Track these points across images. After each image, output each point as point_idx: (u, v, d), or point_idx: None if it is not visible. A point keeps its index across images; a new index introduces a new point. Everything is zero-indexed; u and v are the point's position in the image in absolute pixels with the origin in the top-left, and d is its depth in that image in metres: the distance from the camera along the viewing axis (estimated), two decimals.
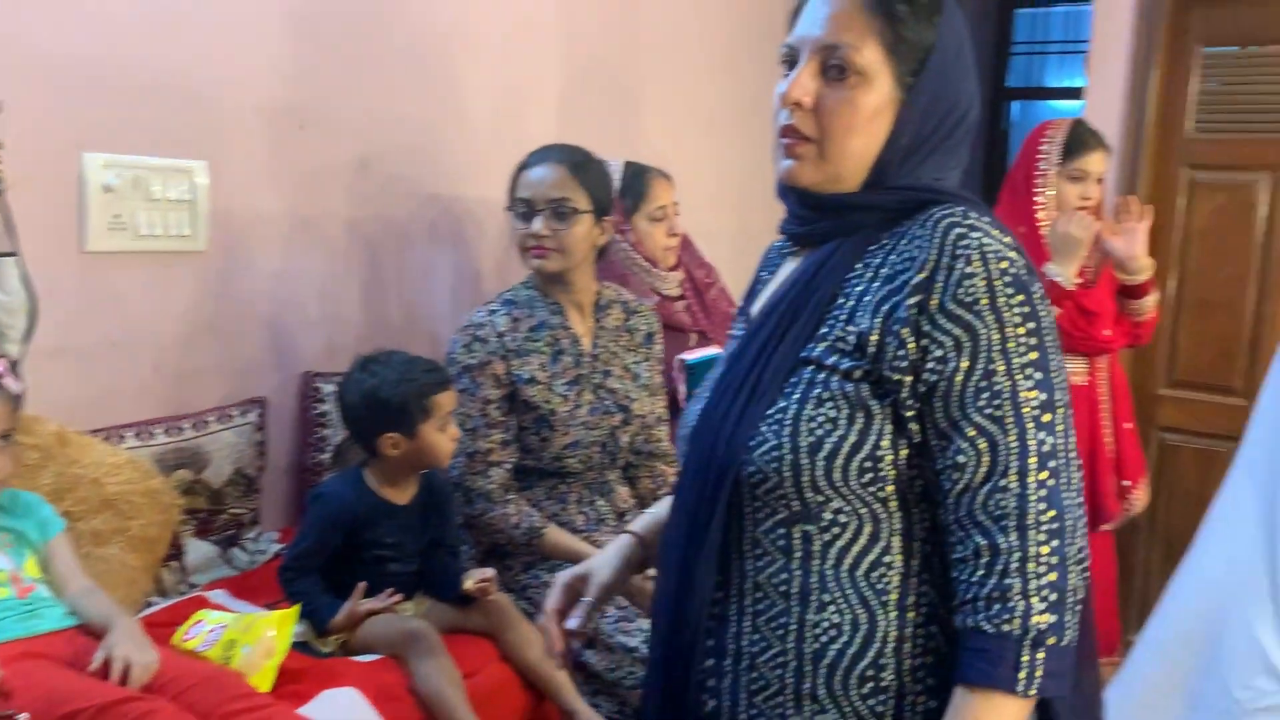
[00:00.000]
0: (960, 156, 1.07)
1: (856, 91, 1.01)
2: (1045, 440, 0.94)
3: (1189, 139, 3.22)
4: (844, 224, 1.04)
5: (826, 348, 1.00)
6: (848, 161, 1.03)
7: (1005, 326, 0.94)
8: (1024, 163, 2.54)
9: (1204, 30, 3.17)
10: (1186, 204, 3.25)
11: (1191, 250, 3.26)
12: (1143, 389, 3.36)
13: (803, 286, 1.03)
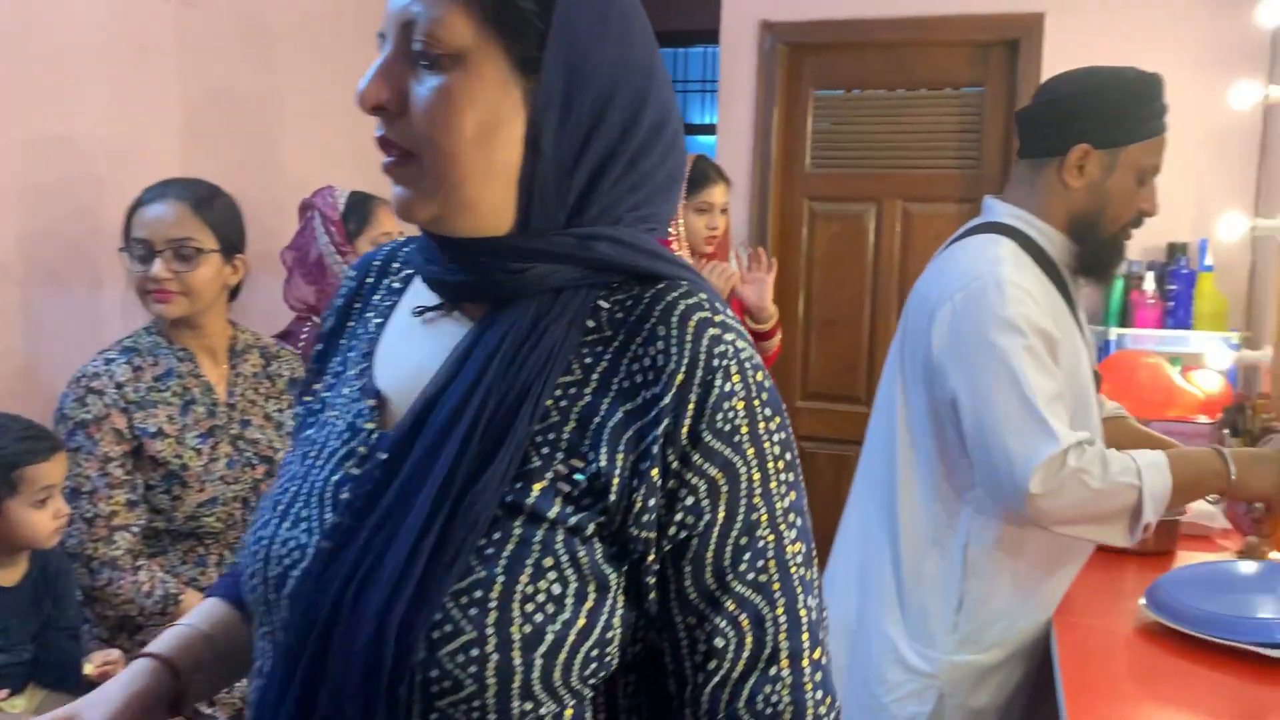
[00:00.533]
0: (668, 188, 0.80)
1: (452, 79, 0.71)
2: (813, 607, 0.75)
3: (808, 173, 3.54)
4: (521, 282, 0.74)
5: (545, 490, 0.71)
6: (469, 185, 0.73)
7: (766, 461, 0.72)
8: None
9: (816, 74, 3.49)
10: (808, 233, 3.56)
11: (815, 274, 3.58)
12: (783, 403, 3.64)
13: (494, 385, 0.71)
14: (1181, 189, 3.09)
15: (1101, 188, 1.55)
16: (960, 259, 1.57)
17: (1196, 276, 2.93)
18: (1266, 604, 1.50)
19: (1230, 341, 2.88)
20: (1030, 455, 1.41)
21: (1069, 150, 1.54)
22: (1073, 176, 1.55)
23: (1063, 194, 1.57)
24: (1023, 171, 1.62)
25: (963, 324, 1.49)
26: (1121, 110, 1.54)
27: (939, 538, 1.58)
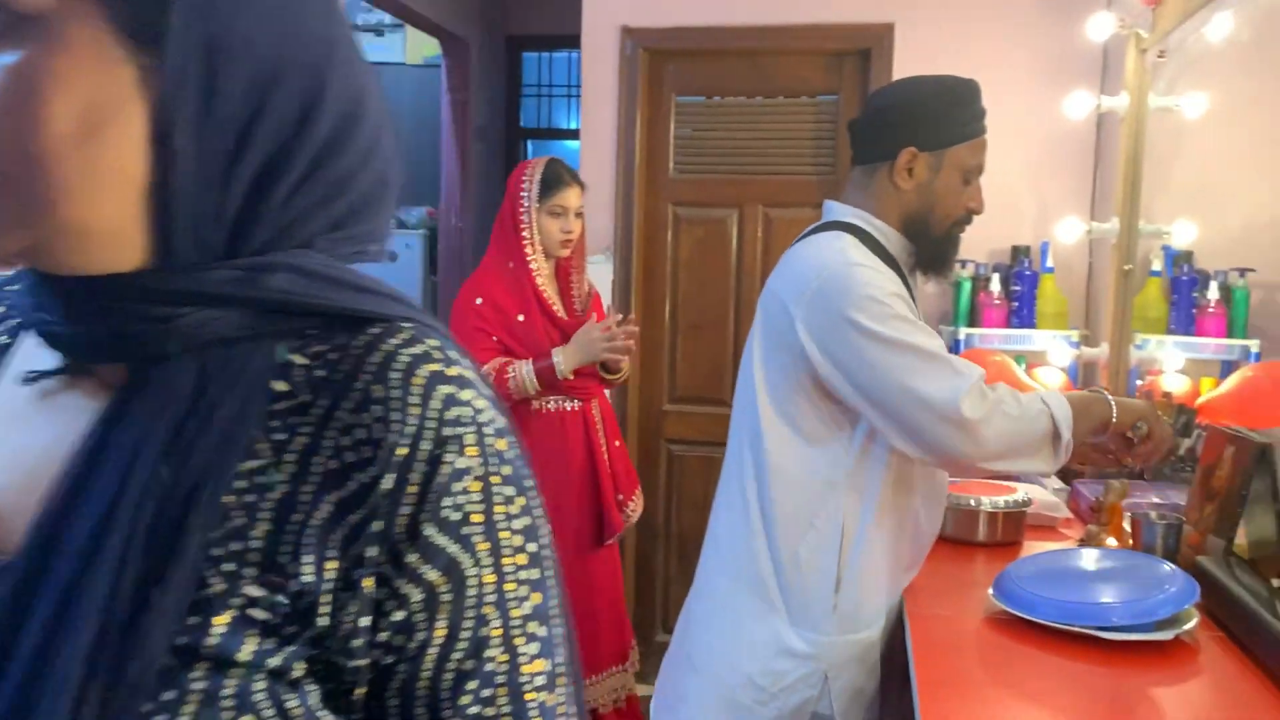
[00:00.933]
0: (380, 197, 0.63)
1: (29, 54, 0.51)
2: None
3: (672, 179, 3.57)
4: (169, 334, 0.54)
5: (232, 624, 0.52)
6: (72, 202, 0.52)
7: (502, 557, 0.57)
8: (509, 203, 2.66)
9: (677, 80, 3.53)
10: (673, 237, 3.59)
11: (680, 279, 3.61)
12: (650, 406, 3.66)
13: (149, 484, 0.51)
14: (1024, 194, 3.24)
15: (930, 188, 1.66)
16: (808, 254, 1.65)
17: (1039, 278, 3.06)
18: (1105, 589, 1.57)
19: (1071, 339, 3.02)
20: (951, 390, 1.49)
21: (898, 154, 1.65)
22: (903, 178, 1.66)
23: (895, 195, 1.67)
24: (857, 176, 1.72)
25: (826, 313, 1.56)
26: (943, 115, 1.65)
27: (813, 520, 1.63)
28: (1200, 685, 1.41)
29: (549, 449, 2.65)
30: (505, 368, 2.57)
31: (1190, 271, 2.95)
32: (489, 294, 2.63)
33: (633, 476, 2.83)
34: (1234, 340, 2.90)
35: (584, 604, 2.70)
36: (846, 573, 1.63)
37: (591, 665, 2.72)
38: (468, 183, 5.47)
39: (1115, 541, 2.00)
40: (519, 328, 2.62)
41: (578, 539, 2.68)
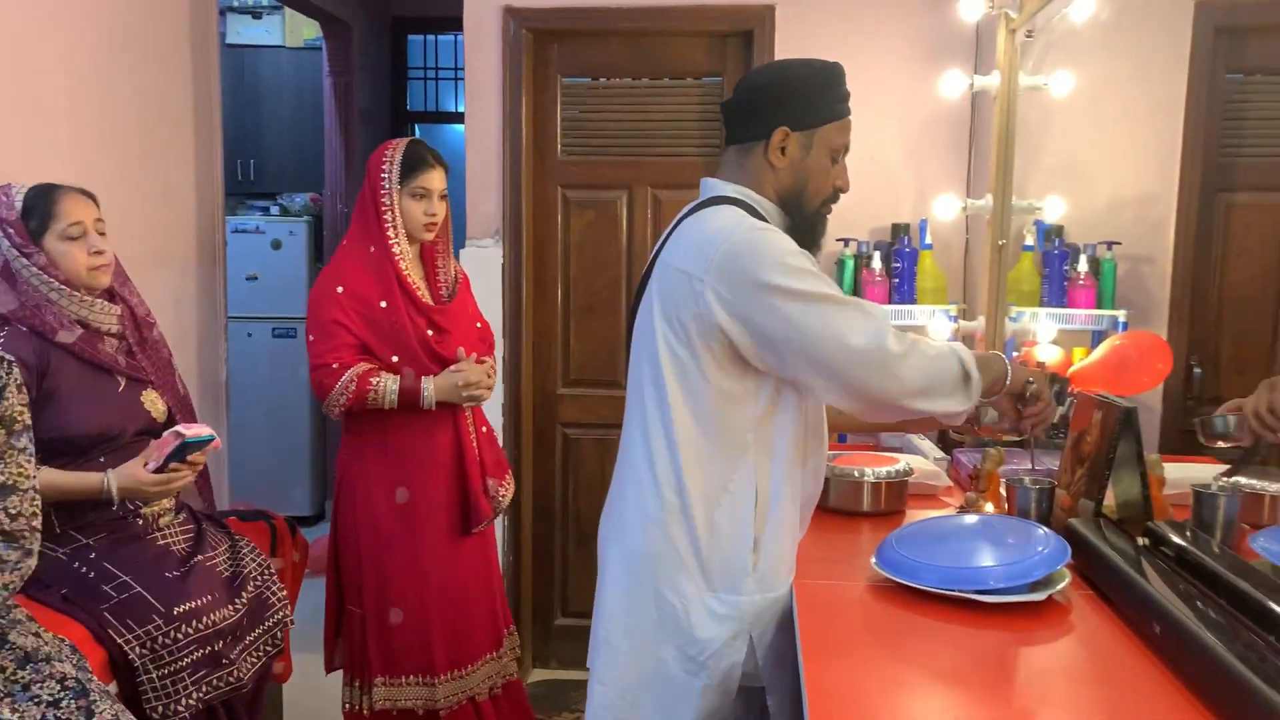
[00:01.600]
0: None
1: None
2: None
3: (560, 162, 3.53)
4: None
5: None
6: None
7: None
8: (370, 185, 2.58)
9: (562, 62, 3.49)
10: (563, 220, 3.55)
11: (572, 262, 3.58)
12: (544, 390, 3.63)
13: None
14: (903, 173, 3.30)
15: (802, 166, 1.71)
16: (703, 227, 1.67)
17: (918, 255, 3.12)
18: (983, 553, 1.61)
19: (950, 314, 3.09)
20: (874, 332, 1.56)
21: (771, 133, 1.70)
22: (776, 157, 1.71)
23: (770, 173, 1.72)
24: (732, 155, 1.76)
25: (739, 278, 1.59)
26: (813, 96, 1.71)
27: (727, 486, 1.66)
28: (1071, 642, 1.45)
29: (415, 437, 2.60)
30: (369, 377, 2.51)
31: (1061, 246, 3.05)
32: (349, 281, 2.55)
33: (502, 462, 2.79)
34: (1103, 311, 3.01)
35: (456, 591, 2.66)
36: (763, 534, 1.66)
37: (467, 654, 2.68)
38: (352, 167, 5.34)
39: (992, 507, 2.06)
40: (381, 315, 2.54)
41: (447, 526, 2.64)
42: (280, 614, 2.45)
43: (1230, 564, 1.46)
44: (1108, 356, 2.83)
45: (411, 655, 2.62)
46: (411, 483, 2.61)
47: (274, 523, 2.86)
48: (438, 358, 2.59)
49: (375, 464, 2.60)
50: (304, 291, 5.28)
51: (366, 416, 2.57)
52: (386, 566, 2.61)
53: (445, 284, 2.69)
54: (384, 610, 2.62)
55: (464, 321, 2.71)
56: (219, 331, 3.66)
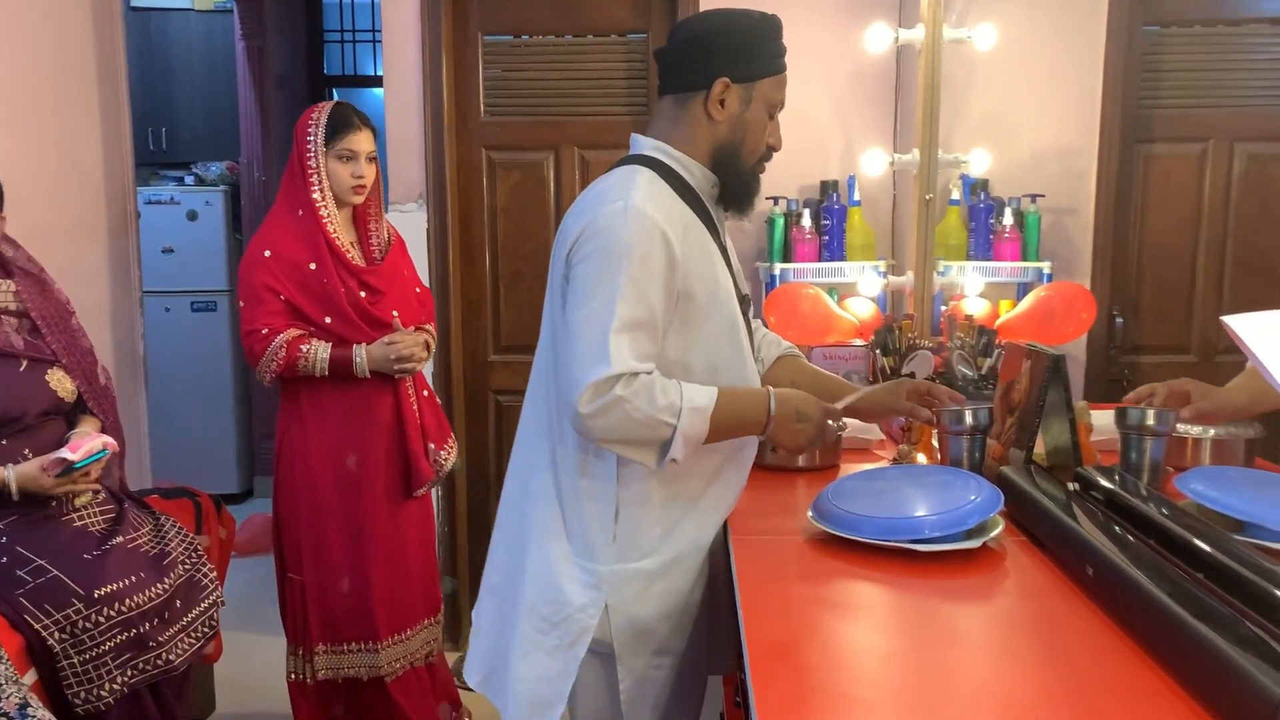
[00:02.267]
0: None
1: None
2: None
3: (484, 123, 3.45)
4: None
5: None
6: None
7: None
8: (297, 149, 2.55)
9: (483, 20, 3.40)
10: (488, 183, 3.48)
11: (499, 226, 3.51)
12: (475, 358, 3.58)
13: None
14: (831, 129, 3.29)
15: (741, 120, 1.66)
16: (597, 189, 1.64)
17: (847, 211, 3.12)
18: (917, 504, 1.61)
19: (879, 270, 3.10)
20: (585, 375, 1.52)
21: (711, 84, 1.63)
22: (716, 109, 1.64)
23: (708, 126, 1.66)
24: (668, 107, 1.69)
25: (591, 245, 1.55)
26: (754, 47, 1.65)
27: (592, 452, 1.63)
28: (1007, 587, 1.46)
29: (355, 401, 2.56)
30: (299, 343, 2.48)
31: (986, 199, 3.07)
32: (277, 245, 2.52)
33: (444, 426, 2.77)
34: (1028, 263, 3.04)
35: (397, 556, 2.64)
36: (624, 504, 1.63)
37: (405, 619, 2.67)
38: (269, 134, 5.18)
39: (924, 458, 2.07)
40: (311, 278, 2.50)
41: (388, 491, 2.62)
42: (213, 596, 2.38)
43: (1158, 506, 1.48)
44: (1034, 308, 2.87)
45: (353, 621, 2.60)
46: (352, 447, 2.58)
47: (199, 500, 2.78)
48: (371, 319, 2.56)
49: (314, 428, 2.57)
50: (223, 264, 5.13)
51: (304, 381, 2.54)
52: (327, 532, 2.58)
53: (378, 245, 2.66)
54: (324, 577, 2.60)
55: (399, 284, 2.67)
56: (134, 306, 3.53)
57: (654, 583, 1.65)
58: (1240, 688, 0.98)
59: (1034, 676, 1.16)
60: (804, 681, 1.15)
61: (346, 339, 2.53)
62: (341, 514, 2.58)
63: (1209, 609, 1.13)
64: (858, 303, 3.07)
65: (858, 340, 2.88)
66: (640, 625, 1.65)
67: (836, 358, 2.74)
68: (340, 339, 2.53)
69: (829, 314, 2.92)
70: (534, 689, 1.67)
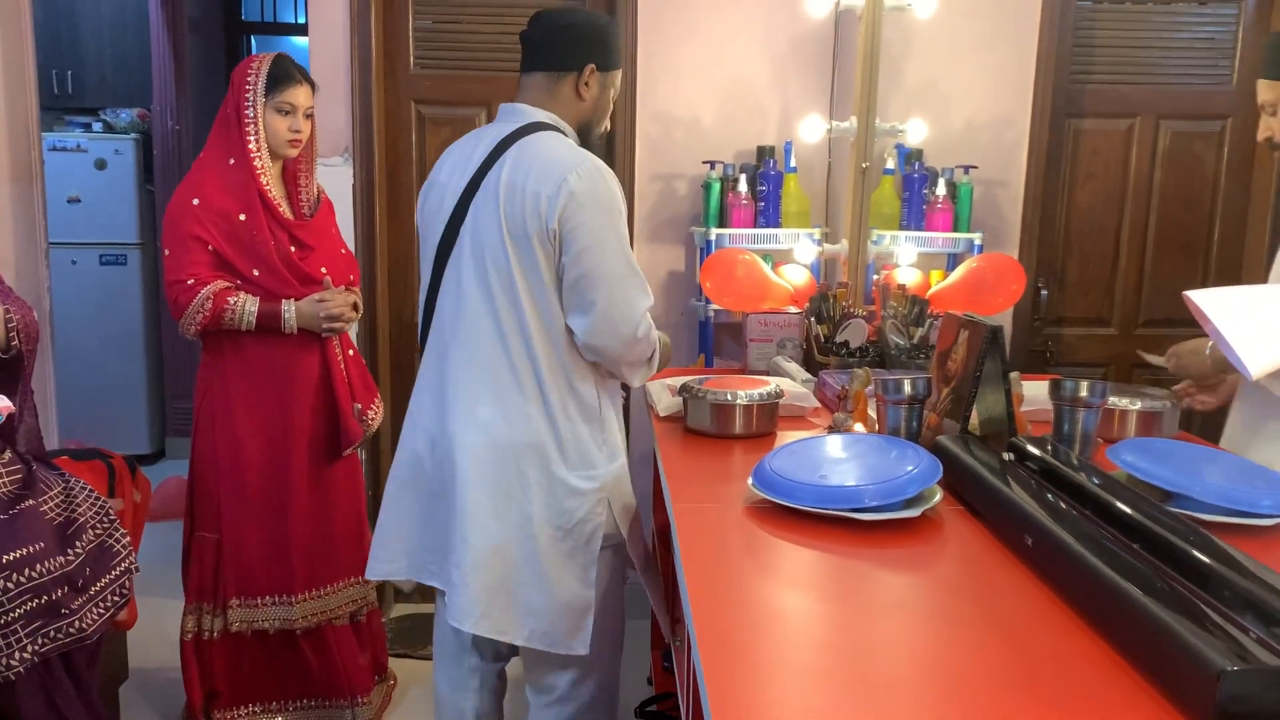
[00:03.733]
0: None
1: None
2: None
3: (414, 75, 3.37)
4: None
5: None
6: None
7: None
8: (233, 97, 2.51)
9: None
10: (418, 140, 3.40)
11: None
12: (401, 319, 3.51)
13: None
14: (769, 94, 3.28)
15: (599, 103, 2.04)
16: (549, 150, 1.91)
17: (783, 178, 3.13)
18: (857, 472, 1.63)
19: (814, 237, 3.12)
20: (641, 304, 1.91)
21: (583, 68, 1.98)
22: (584, 90, 2.00)
23: (575, 104, 2.01)
24: (540, 81, 2.00)
25: (586, 199, 1.86)
26: (612, 43, 2.03)
27: (572, 378, 1.94)
28: (946, 555, 1.49)
29: (281, 357, 2.53)
30: (226, 296, 2.45)
31: (921, 169, 3.10)
32: (206, 193, 2.46)
33: (370, 385, 2.77)
34: (959, 234, 3.09)
35: (321, 515, 2.64)
36: (604, 415, 1.99)
37: (327, 575, 2.66)
38: (184, 81, 5.00)
39: (862, 427, 2.09)
40: (241, 229, 2.46)
41: (314, 449, 2.61)
42: (126, 563, 2.31)
43: (1092, 476, 1.52)
44: (965, 278, 2.92)
45: (269, 575, 2.59)
46: (278, 404, 2.55)
47: (111, 462, 2.69)
48: (300, 274, 2.53)
49: (238, 385, 2.53)
50: (133, 215, 4.95)
51: (228, 336, 2.49)
52: (248, 488, 2.56)
53: (307, 202, 2.64)
54: (243, 531, 2.57)
55: (327, 241, 2.65)
56: (39, 258, 3.38)
57: (624, 476, 2.04)
58: (1177, 655, 1.01)
59: (974, 643, 1.18)
60: (749, 650, 1.15)
61: (274, 294, 2.49)
62: (265, 470, 2.55)
63: (1145, 577, 1.16)
64: (793, 270, 3.09)
65: (792, 307, 2.89)
66: (630, 509, 2.03)
67: (771, 324, 2.75)
68: (268, 293, 2.48)
69: (764, 280, 2.93)
70: (563, 592, 1.94)
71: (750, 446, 2.05)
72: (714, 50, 3.25)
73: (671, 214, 3.34)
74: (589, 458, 1.96)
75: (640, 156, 3.28)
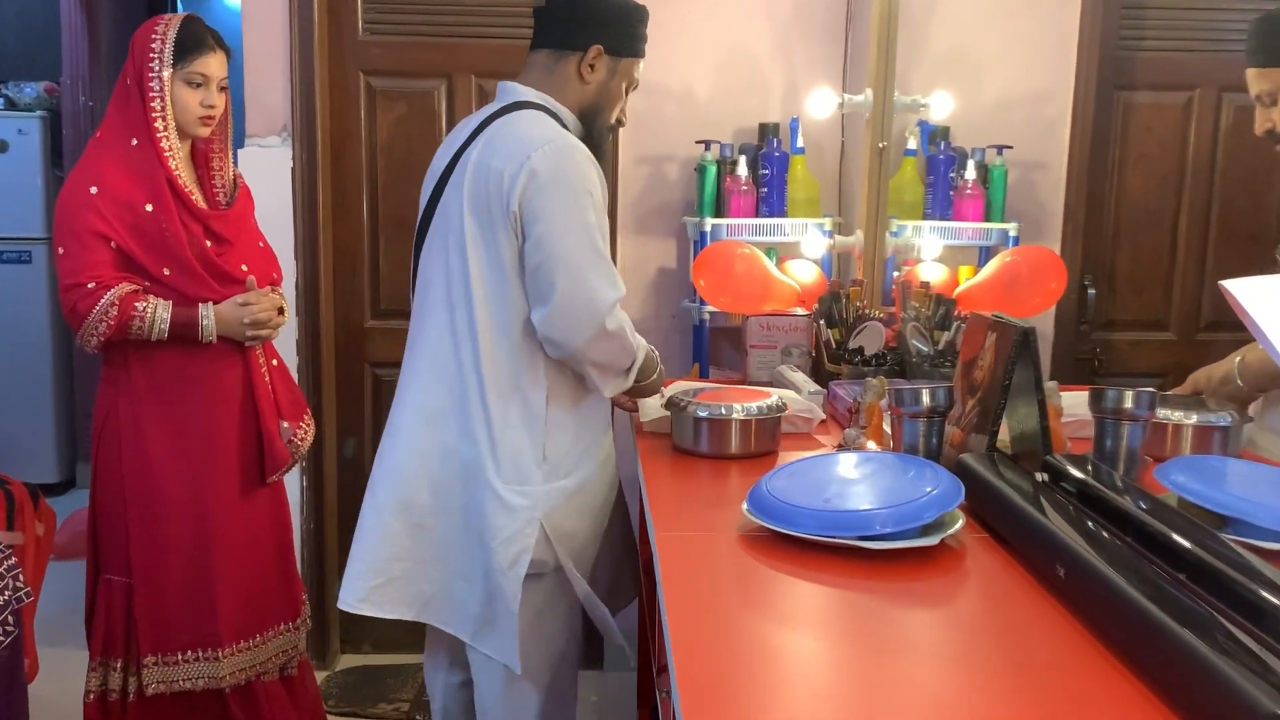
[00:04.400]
0: None
1: None
2: None
3: (362, 42, 3.38)
4: None
5: None
6: None
7: None
8: (134, 66, 2.47)
9: None
10: (367, 114, 3.42)
11: (380, 166, 3.46)
12: (349, 323, 3.52)
13: None
14: (771, 65, 3.30)
15: (606, 88, 2.14)
16: (520, 129, 2.03)
17: (789, 160, 3.14)
18: (867, 495, 1.64)
19: (824, 228, 3.14)
20: (608, 294, 1.98)
21: (588, 49, 2.09)
22: (587, 72, 2.11)
23: (578, 85, 2.12)
24: (543, 59, 2.13)
25: (549, 179, 1.96)
26: (629, 27, 2.13)
27: (519, 379, 2.04)
28: (968, 589, 1.50)
29: (197, 370, 2.51)
30: (134, 300, 2.40)
31: (947, 150, 3.12)
32: (106, 180, 2.42)
33: (299, 400, 2.74)
34: (992, 224, 3.11)
35: (249, 553, 2.61)
36: (551, 428, 2.06)
37: (256, 623, 2.64)
38: (98, 52, 5.02)
39: (875, 445, 2.11)
40: (147, 221, 2.43)
41: (237, 477, 2.58)
42: (10, 592, 2.29)
43: (1136, 499, 1.53)
44: (997, 275, 2.94)
45: (191, 626, 2.55)
46: (195, 425, 2.53)
47: (10, 489, 2.70)
48: (219, 272, 2.51)
49: (149, 404, 2.50)
50: (40, 205, 4.96)
51: (135, 347, 2.46)
52: (163, 524, 2.52)
53: (222, 188, 2.61)
54: (158, 575, 2.54)
55: (246, 234, 2.63)
56: None
57: (575, 497, 2.10)
58: (1226, 699, 1.02)
59: (998, 687, 1.19)
60: (740, 701, 1.16)
61: (189, 297, 2.46)
62: (182, 503, 2.52)
63: (1192, 613, 1.17)
64: (799, 265, 3.11)
65: (799, 309, 2.91)
66: (572, 536, 2.10)
67: (775, 328, 2.76)
68: (181, 296, 2.46)
69: (766, 278, 2.95)
70: (481, 610, 2.08)
71: (748, 468, 2.06)
72: (709, 12, 3.28)
73: (660, 202, 3.36)
74: (523, 471, 2.05)
75: (624, 136, 3.30)
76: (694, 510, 1.85)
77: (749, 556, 1.58)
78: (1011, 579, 1.50)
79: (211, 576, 2.55)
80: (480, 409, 2.04)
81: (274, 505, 2.69)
